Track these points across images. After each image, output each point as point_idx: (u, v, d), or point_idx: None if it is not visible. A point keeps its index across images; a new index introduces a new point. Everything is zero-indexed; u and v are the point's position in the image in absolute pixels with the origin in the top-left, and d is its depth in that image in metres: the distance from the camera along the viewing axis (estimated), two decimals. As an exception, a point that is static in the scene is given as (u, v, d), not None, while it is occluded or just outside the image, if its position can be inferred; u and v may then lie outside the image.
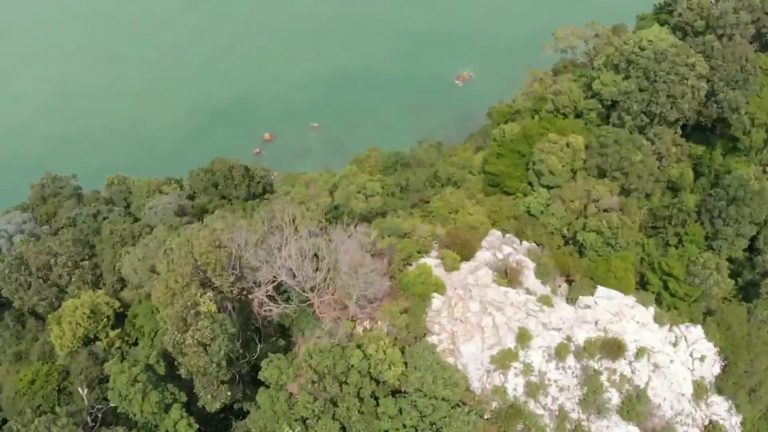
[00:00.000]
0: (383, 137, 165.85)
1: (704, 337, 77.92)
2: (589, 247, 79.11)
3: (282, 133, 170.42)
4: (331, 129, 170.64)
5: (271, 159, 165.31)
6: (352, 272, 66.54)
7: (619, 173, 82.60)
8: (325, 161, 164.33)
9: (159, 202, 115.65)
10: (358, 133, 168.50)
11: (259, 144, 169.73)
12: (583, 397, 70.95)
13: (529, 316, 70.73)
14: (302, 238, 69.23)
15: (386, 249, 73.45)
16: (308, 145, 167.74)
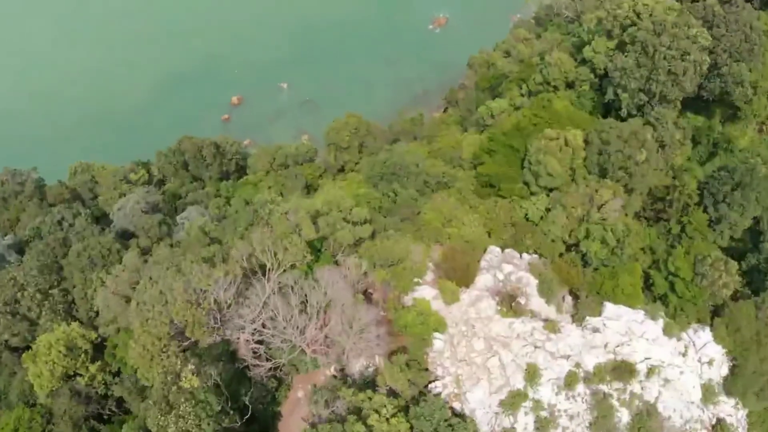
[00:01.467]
0: (358, 94, 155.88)
1: (713, 341, 74.10)
2: (594, 258, 73.42)
3: (250, 96, 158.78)
4: (302, 88, 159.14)
5: (242, 125, 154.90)
6: (346, 326, 60.50)
7: (623, 172, 75.83)
8: (299, 124, 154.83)
9: (127, 202, 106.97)
10: (331, 91, 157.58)
11: (227, 109, 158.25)
12: (593, 421, 67.45)
13: (536, 349, 66.08)
14: (288, 289, 62.48)
15: (380, 285, 67.12)
16: (280, 108, 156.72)
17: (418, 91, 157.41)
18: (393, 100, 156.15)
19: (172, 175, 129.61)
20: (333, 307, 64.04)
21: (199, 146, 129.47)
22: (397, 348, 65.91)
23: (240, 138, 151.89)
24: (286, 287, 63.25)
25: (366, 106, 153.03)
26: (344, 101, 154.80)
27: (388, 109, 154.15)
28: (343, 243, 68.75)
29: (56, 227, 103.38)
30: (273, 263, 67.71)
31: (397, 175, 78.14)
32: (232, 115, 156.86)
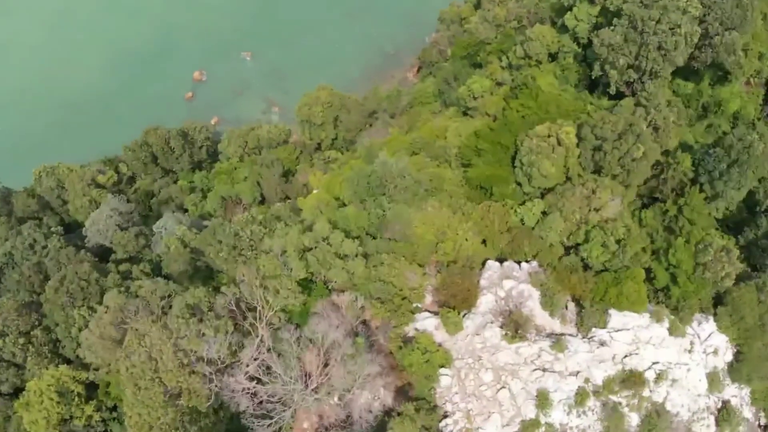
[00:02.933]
0: (326, 58, 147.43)
1: (717, 330, 72.51)
2: (595, 261, 70.26)
3: (213, 70, 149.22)
4: (266, 56, 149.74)
5: (207, 102, 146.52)
6: (348, 377, 57.28)
7: (620, 168, 71.52)
8: (266, 96, 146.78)
9: (100, 216, 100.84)
10: (297, 57, 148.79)
11: (190, 86, 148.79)
12: (604, 430, 66.25)
13: (545, 373, 63.69)
14: (283, 344, 58.72)
15: (380, 325, 63.64)
16: (245, 80, 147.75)
17: (388, 50, 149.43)
18: (364, 61, 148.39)
19: (141, 172, 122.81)
20: (333, 350, 60.54)
21: (165, 138, 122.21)
22: (403, 384, 63.21)
23: (206, 116, 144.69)
24: (281, 341, 59.36)
25: (336, 70, 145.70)
26: (312, 66, 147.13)
27: (359, 72, 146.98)
28: (336, 281, 64.59)
29: (28, 251, 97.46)
30: (264, 307, 63.72)
31: (383, 186, 72.96)
32: (195, 92, 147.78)
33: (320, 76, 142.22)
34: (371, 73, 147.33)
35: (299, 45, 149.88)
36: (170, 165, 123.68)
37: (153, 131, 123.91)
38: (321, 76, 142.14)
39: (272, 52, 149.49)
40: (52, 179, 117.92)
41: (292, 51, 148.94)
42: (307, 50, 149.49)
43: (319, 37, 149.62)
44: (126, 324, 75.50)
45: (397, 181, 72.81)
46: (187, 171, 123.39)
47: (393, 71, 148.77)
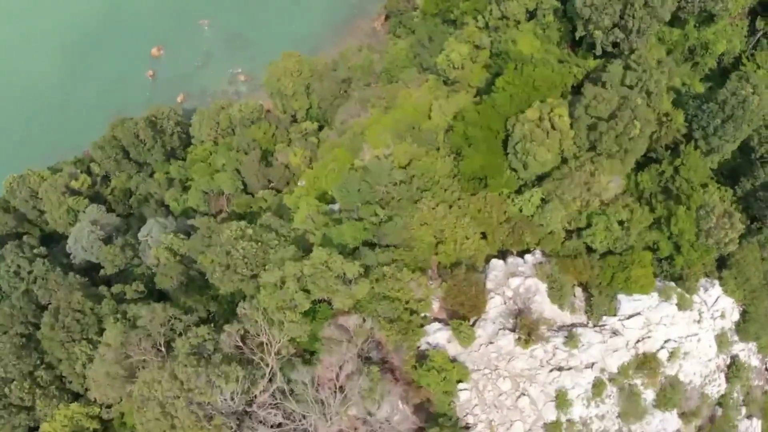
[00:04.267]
0: (288, 16, 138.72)
1: (723, 294, 72.15)
2: (599, 246, 68.53)
3: (171, 43, 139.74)
4: (224, 21, 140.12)
5: (170, 78, 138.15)
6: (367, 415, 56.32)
7: (617, 147, 68.32)
8: (231, 64, 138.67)
9: (82, 233, 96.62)
10: (257, 19, 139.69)
11: (149, 63, 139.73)
12: (622, 411, 66.80)
13: (562, 372, 63.13)
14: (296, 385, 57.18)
15: (393, 350, 62.05)
16: (206, 50, 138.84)
17: (353, 0, 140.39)
18: (326, 15, 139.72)
19: (115, 169, 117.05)
20: (349, 381, 59.20)
21: (133, 131, 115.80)
22: (421, 401, 62.46)
23: (171, 94, 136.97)
24: (294, 383, 57.83)
25: (298, 27, 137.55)
26: (274, 26, 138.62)
27: (322, 27, 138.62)
28: (343, 307, 62.45)
29: (14, 279, 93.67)
30: (271, 341, 61.79)
31: (375, 194, 69.68)
32: (156, 70, 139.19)
33: (283, 36, 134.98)
34: (336, 27, 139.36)
35: (257, 5, 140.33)
36: (143, 158, 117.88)
37: (120, 125, 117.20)
38: (284, 36, 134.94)
39: (230, 17, 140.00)
40: (25, 190, 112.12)
41: (250, 13, 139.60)
42: (266, 10, 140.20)
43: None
44: (130, 357, 73.64)
45: (390, 189, 69.35)
46: (161, 162, 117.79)
47: (359, 22, 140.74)
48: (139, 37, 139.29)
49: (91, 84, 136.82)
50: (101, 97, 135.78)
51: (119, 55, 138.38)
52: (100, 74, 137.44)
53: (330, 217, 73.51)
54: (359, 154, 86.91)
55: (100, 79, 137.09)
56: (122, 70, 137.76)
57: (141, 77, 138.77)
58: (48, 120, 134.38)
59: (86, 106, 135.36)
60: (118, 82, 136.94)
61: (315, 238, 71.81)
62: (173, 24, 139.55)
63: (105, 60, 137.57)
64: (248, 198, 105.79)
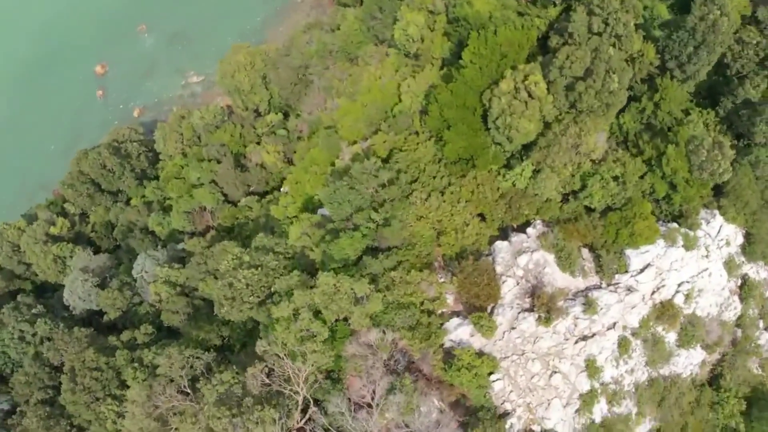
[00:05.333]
0: (225, 8, 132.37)
1: (725, 222, 72.22)
2: (598, 206, 67.72)
3: (113, 57, 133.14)
4: (162, 22, 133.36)
5: (121, 94, 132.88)
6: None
7: (598, 103, 66.34)
8: (179, 66, 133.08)
9: (75, 285, 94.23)
10: (193, 13, 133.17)
11: (96, 82, 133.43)
12: (648, 359, 67.73)
13: (587, 340, 63.41)
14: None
15: (420, 358, 61.70)
16: (150, 56, 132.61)
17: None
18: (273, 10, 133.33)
19: (90, 205, 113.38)
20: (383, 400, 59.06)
21: (98, 161, 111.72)
22: (457, 398, 62.73)
23: (126, 110, 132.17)
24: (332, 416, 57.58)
25: (239, 13, 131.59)
26: (213, 16, 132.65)
27: (265, 7, 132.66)
28: (360, 327, 61.62)
29: (21, 344, 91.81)
30: (297, 375, 61.20)
31: (361, 196, 67.83)
32: (105, 88, 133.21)
33: (225, 24, 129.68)
34: (278, 5, 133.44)
35: (192, 2, 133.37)
36: (115, 186, 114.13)
37: (83, 158, 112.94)
38: (226, 24, 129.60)
39: (167, 17, 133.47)
40: (5, 245, 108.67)
41: (186, 8, 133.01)
42: (202, 1, 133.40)
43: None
44: (159, 407, 72.97)
45: (380, 192, 67.46)
46: (134, 187, 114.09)
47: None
48: (78, 58, 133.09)
49: (41, 117, 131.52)
50: (55, 129, 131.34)
51: (63, 81, 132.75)
52: (47, 105, 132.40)
53: (325, 229, 71.63)
54: (337, 152, 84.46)
55: (50, 110, 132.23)
56: (70, 96, 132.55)
57: (91, 99, 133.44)
58: (5, 165, 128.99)
59: (41, 142, 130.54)
60: (68, 109, 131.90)
61: (315, 255, 70.19)
62: (110, 37, 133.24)
63: (49, 89, 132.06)
64: (232, 209, 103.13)
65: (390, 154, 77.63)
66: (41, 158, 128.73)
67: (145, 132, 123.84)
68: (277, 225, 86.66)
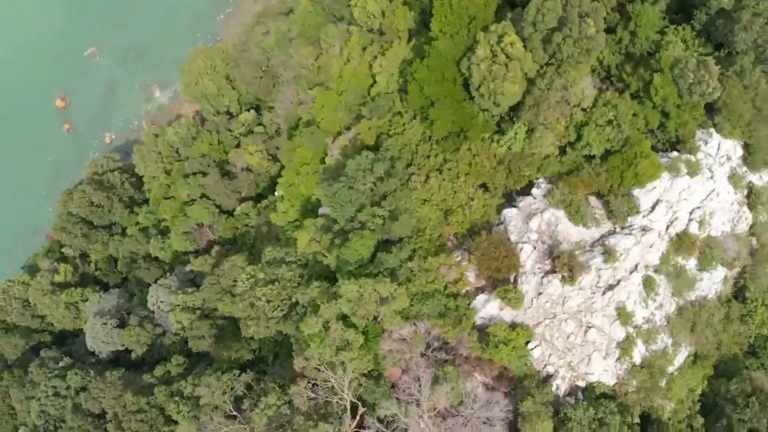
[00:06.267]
0: (169, 10, 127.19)
1: (722, 139, 71.61)
2: (597, 152, 66.76)
3: (71, 87, 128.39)
4: (110, 40, 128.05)
5: (88, 124, 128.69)
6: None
7: (578, 50, 64.39)
8: (139, 81, 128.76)
9: (95, 330, 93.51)
10: (141, 25, 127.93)
11: (60, 117, 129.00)
12: (674, 290, 68.15)
13: (613, 289, 63.50)
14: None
15: (456, 344, 61.74)
16: (107, 79, 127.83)
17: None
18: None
19: (87, 245, 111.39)
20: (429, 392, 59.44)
21: (85, 199, 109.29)
22: (499, 371, 63.26)
23: (98, 139, 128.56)
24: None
25: (184, 12, 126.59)
26: (159, 22, 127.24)
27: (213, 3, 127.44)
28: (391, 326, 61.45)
29: (57, 400, 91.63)
30: (341, 386, 61.37)
31: (361, 193, 66.68)
32: (70, 120, 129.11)
33: (176, 30, 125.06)
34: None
35: (133, 11, 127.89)
36: (107, 220, 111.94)
37: (69, 199, 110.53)
38: (177, 29, 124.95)
39: (113, 34, 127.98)
40: (14, 303, 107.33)
41: (131, 21, 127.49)
42: (144, 10, 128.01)
43: None
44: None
45: (379, 186, 66.21)
46: (126, 216, 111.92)
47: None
48: (35, 96, 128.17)
49: (13, 164, 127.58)
50: (31, 173, 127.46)
51: (26, 123, 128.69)
52: (16, 150, 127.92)
53: (332, 232, 70.63)
54: (323, 147, 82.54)
55: (20, 155, 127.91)
56: (37, 137, 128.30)
57: (59, 135, 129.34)
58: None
59: (20, 188, 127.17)
60: (38, 150, 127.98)
61: (329, 260, 69.35)
62: (62, 68, 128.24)
63: (14, 134, 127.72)
64: (230, 220, 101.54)
65: (378, 140, 75.95)
66: (24, 204, 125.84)
67: (122, 156, 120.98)
68: (280, 232, 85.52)
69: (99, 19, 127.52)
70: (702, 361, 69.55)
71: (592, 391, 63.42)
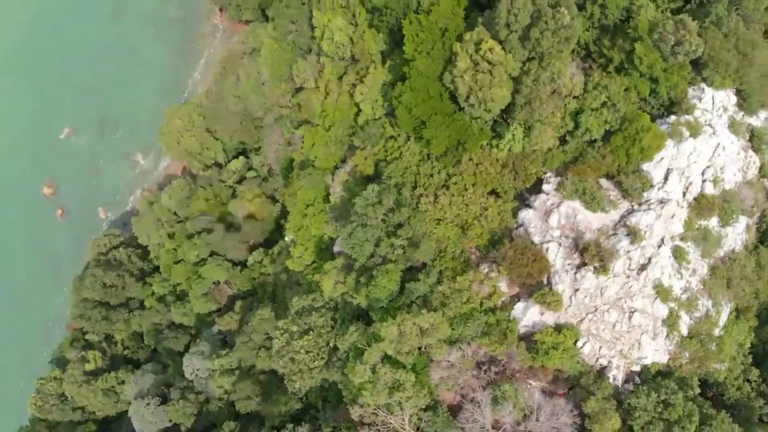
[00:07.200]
0: (133, 76, 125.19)
1: (715, 92, 70.65)
2: (598, 135, 65.70)
3: (54, 174, 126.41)
4: (82, 117, 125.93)
5: (80, 206, 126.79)
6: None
7: (558, 40, 63.09)
8: (120, 152, 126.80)
9: (139, 413, 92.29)
10: (108, 95, 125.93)
11: (50, 203, 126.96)
12: (703, 252, 67.43)
13: (646, 268, 62.65)
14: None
15: (506, 360, 60.82)
16: (89, 156, 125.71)
17: (177, 16, 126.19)
18: (164, 45, 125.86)
19: (109, 326, 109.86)
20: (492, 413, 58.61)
21: (96, 283, 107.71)
22: (555, 375, 62.44)
23: (92, 218, 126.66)
24: None
25: (148, 72, 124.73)
26: (128, 90, 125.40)
27: (171, 59, 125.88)
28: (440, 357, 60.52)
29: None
30: (401, 426, 60.46)
31: (377, 228, 65.53)
32: (62, 205, 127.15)
33: (145, 92, 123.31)
34: (182, 50, 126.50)
35: (96, 82, 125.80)
36: (123, 297, 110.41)
37: (80, 287, 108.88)
38: (146, 91, 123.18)
39: (83, 111, 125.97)
40: (51, 400, 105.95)
41: (97, 93, 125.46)
42: (108, 79, 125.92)
43: (107, 62, 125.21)
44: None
45: (390, 216, 65.05)
46: (141, 289, 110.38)
47: (198, 30, 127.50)
48: (21, 188, 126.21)
49: (12, 260, 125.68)
50: (33, 265, 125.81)
51: (18, 219, 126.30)
52: (14, 246, 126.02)
53: (355, 271, 69.48)
54: (324, 185, 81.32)
55: (19, 250, 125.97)
56: (32, 229, 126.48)
57: (53, 222, 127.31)
58: (6, 321, 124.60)
59: (25, 284, 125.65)
60: (35, 240, 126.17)
61: (359, 300, 68.24)
62: (42, 155, 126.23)
63: (8, 229, 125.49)
64: (245, 271, 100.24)
65: (377, 168, 74.85)
66: (33, 299, 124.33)
67: (121, 229, 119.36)
68: (300, 277, 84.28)
69: (66, 98, 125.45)
70: (744, 314, 69.01)
71: (647, 372, 62.68)
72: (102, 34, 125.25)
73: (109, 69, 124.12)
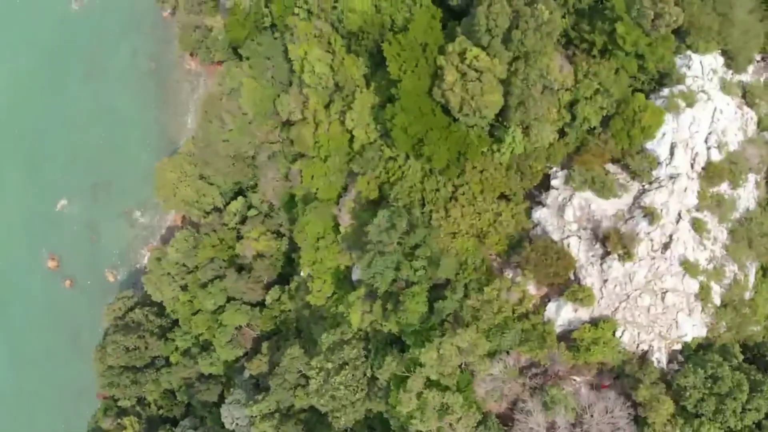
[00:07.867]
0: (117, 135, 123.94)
1: (702, 57, 70.06)
2: (596, 123, 65.01)
3: (56, 245, 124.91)
4: (73, 186, 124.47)
5: (86, 273, 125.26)
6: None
7: (540, 36, 62.27)
8: (117, 213, 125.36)
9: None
10: (95, 160, 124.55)
11: (57, 276, 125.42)
12: (720, 218, 66.92)
13: (668, 247, 62.00)
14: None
15: (550, 364, 60.11)
16: (87, 222, 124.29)
17: (150, 68, 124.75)
18: (142, 98, 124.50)
19: (139, 390, 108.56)
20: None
21: (119, 348, 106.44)
22: (599, 368, 61.78)
23: (101, 283, 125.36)
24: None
25: (135, 129, 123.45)
26: (116, 149, 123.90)
27: (151, 110, 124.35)
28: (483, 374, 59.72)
29: None
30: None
31: (395, 253, 64.68)
32: (69, 276, 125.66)
33: (132, 148, 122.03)
34: (160, 99, 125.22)
35: (83, 149, 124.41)
36: (148, 358, 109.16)
37: (103, 354, 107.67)
38: (132, 148, 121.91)
39: (73, 180, 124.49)
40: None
41: (84, 160, 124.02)
42: (93, 145, 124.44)
43: (90, 125, 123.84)
44: None
45: (404, 238, 64.22)
46: (164, 345, 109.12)
47: (172, 77, 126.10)
48: (25, 267, 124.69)
49: (29, 337, 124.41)
50: (50, 340, 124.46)
51: (27, 296, 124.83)
52: (27, 324, 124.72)
53: (380, 298, 68.56)
54: (331, 216, 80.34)
55: (32, 327, 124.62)
56: (43, 304, 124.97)
57: (63, 294, 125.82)
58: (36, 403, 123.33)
59: (45, 357, 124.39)
60: (49, 315, 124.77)
61: (389, 327, 67.36)
62: (40, 231, 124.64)
63: (20, 309, 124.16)
64: (266, 311, 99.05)
65: (381, 190, 73.94)
66: (57, 372, 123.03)
67: (132, 290, 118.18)
68: (324, 310, 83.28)
69: (55, 170, 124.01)
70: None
71: (688, 348, 62.12)
72: (79, 98, 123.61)
73: (93, 132, 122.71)
